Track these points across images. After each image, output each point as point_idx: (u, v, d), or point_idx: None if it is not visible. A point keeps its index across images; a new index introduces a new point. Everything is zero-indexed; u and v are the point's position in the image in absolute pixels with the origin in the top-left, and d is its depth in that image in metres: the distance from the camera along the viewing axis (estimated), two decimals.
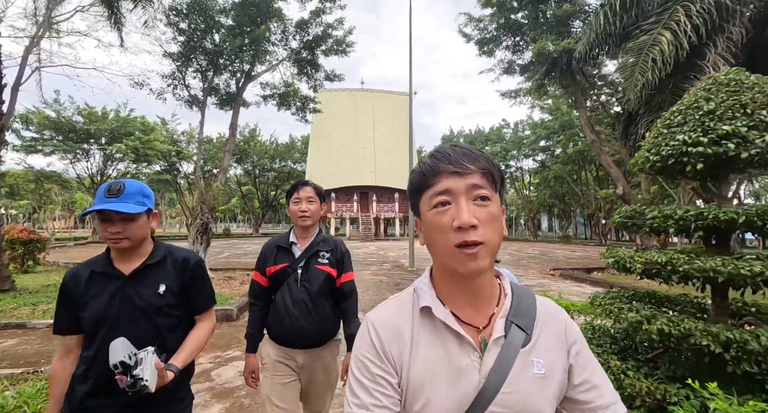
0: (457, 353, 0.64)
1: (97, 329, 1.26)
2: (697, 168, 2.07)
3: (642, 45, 7.82)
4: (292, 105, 15.02)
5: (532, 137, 33.29)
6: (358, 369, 0.66)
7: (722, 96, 2.06)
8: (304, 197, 1.86)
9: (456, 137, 43.70)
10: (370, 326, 0.69)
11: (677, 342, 1.94)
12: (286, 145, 42.05)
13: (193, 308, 1.44)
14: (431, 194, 0.64)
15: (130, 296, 1.29)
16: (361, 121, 36.68)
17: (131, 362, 1.10)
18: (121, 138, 25.46)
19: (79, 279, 1.30)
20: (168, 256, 1.40)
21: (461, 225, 0.59)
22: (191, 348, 1.36)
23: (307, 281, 1.81)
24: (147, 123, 28.71)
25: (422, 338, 0.66)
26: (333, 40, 13.95)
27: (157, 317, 1.31)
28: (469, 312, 0.68)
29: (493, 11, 13.83)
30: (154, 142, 27.46)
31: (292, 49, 13.51)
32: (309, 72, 14.41)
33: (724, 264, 1.85)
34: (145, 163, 30.00)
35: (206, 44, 10.90)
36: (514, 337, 0.65)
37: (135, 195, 1.27)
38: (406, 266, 12.48)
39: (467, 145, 0.68)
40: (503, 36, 14.32)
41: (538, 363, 0.65)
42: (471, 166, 0.63)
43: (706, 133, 2.01)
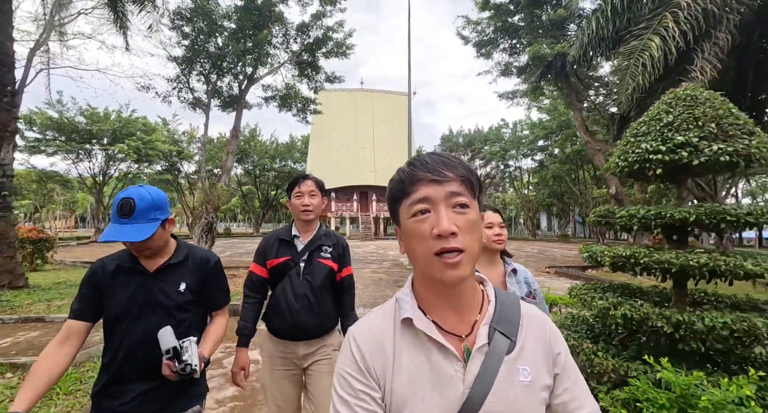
0: (441, 363, 0.64)
1: (119, 321, 1.32)
2: (657, 173, 2.35)
3: (633, 49, 8.09)
4: (293, 106, 15.31)
5: (530, 137, 33.56)
6: (340, 386, 0.65)
7: (679, 109, 2.35)
8: (305, 191, 1.86)
9: (455, 137, 43.97)
10: (352, 341, 0.68)
11: (638, 324, 2.23)
12: (287, 145, 42.30)
13: (210, 304, 1.51)
14: (410, 202, 0.64)
15: (153, 292, 1.34)
16: (360, 121, 36.93)
17: (180, 349, 1.18)
18: (123, 138, 25.72)
19: (107, 270, 1.35)
20: (189, 255, 1.45)
21: (441, 232, 0.59)
22: (214, 340, 1.43)
23: (310, 275, 1.81)
24: (148, 123, 28.96)
25: (404, 350, 0.66)
26: (333, 43, 14.23)
27: (177, 312, 1.36)
28: (452, 320, 0.67)
29: (490, 14, 14.09)
30: (155, 143, 27.71)
31: (293, 52, 13.78)
32: (309, 74, 14.68)
33: (677, 256, 2.13)
34: (146, 163, 30.24)
35: (210, 48, 11.17)
36: (497, 344, 0.64)
37: (146, 212, 1.28)
38: (405, 264, 12.77)
39: (445, 152, 0.68)
40: (500, 38, 14.58)
41: (524, 370, 0.64)
42: (449, 174, 0.63)
43: (665, 142, 2.29)
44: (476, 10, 14.52)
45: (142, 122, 28.05)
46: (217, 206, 8.85)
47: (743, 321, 1.91)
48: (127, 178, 31.28)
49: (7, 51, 7.08)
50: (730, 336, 1.92)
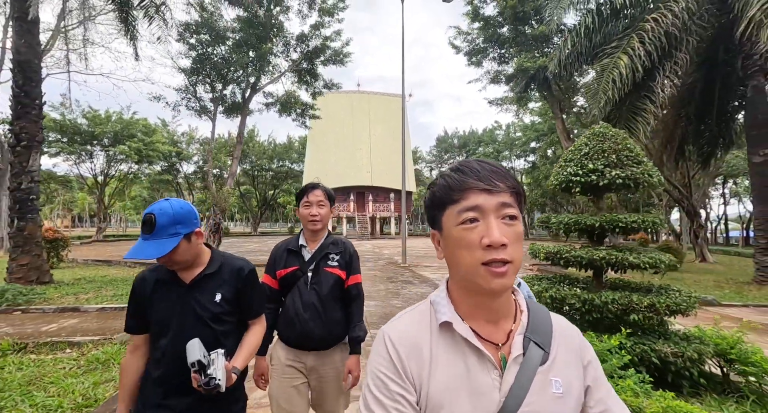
0: (477, 370, 0.63)
1: (160, 333, 1.34)
2: (577, 190, 3.15)
3: (605, 66, 8.91)
4: (293, 112, 16.06)
5: (522, 139, 34.47)
6: (376, 387, 0.64)
7: (593, 143, 3.14)
8: (314, 201, 1.86)
9: (450, 138, 44.83)
10: (387, 341, 0.67)
11: (560, 302, 3.02)
12: (284, 146, 42.92)
13: (246, 313, 1.50)
14: (459, 209, 0.63)
15: (190, 304, 1.35)
16: (357, 123, 37.67)
17: (206, 361, 1.17)
18: (124, 140, 26.25)
19: (147, 284, 1.38)
20: (224, 265, 1.46)
21: (492, 243, 0.59)
22: (248, 350, 1.43)
23: (317, 284, 1.82)
24: (149, 125, 29.50)
25: (442, 354, 0.65)
26: (331, 52, 14.99)
27: (214, 323, 1.37)
28: (489, 328, 0.67)
29: (480, 25, 14.90)
30: (156, 144, 28.27)
31: (293, 61, 14.52)
32: (309, 80, 15.44)
33: (586, 252, 2.93)
34: (146, 164, 30.81)
35: (215, 59, 11.89)
36: (532, 355, 0.64)
37: (167, 227, 1.28)
38: (399, 262, 13.55)
39: (493, 161, 0.68)
40: (490, 48, 15.39)
41: (556, 382, 0.64)
42: (500, 184, 0.62)
43: (582, 168, 3.09)
44: (467, 20, 15.34)
45: (142, 124, 28.58)
46: (223, 208, 9.60)
47: (625, 297, 2.71)
48: (127, 179, 31.85)
49: (36, 68, 7.77)
50: (616, 308, 2.72)
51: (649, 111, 8.65)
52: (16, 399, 2.98)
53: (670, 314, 2.73)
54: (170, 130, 34.08)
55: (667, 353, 2.57)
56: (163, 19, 11.68)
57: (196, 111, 12.05)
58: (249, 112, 13.87)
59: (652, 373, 2.57)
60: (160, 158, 30.42)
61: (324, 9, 14.23)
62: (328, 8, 14.25)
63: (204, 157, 35.75)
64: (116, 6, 10.48)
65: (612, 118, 9.28)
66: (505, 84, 15.96)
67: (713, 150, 11.46)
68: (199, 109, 11.93)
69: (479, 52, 15.72)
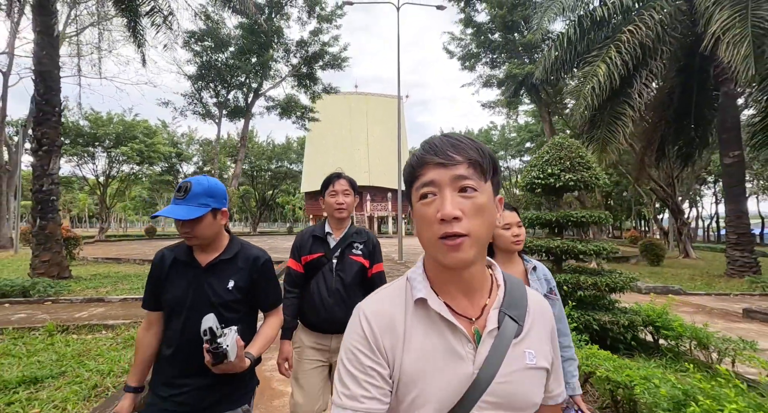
0: (452, 344, 0.64)
1: (174, 314, 1.36)
2: (539, 191, 3.78)
3: (586, 74, 9.56)
4: (293, 114, 16.67)
5: (517, 139, 35.15)
6: (348, 360, 0.65)
7: (553, 151, 3.77)
8: (340, 190, 1.91)
9: None
10: (362, 316, 0.68)
11: None
12: (283, 146, 43.45)
13: (262, 305, 1.50)
14: (418, 185, 0.64)
15: (203, 287, 1.36)
16: (355, 124, 38.29)
17: (218, 332, 1.19)
18: (125, 141, 26.74)
19: (165, 262, 1.40)
20: (240, 253, 1.45)
21: (443, 217, 0.59)
22: (265, 340, 1.44)
23: (341, 271, 1.87)
24: (150, 126, 29.97)
25: (416, 329, 0.66)
26: (329, 57, 15.60)
27: (223, 309, 1.36)
28: (463, 302, 0.68)
29: (473, 31, 15.54)
30: (157, 145, 28.75)
31: (293, 66, 15.13)
32: (308, 84, 16.06)
33: (545, 243, 3.56)
34: (147, 165, 31.32)
35: (220, 65, 12.48)
36: (506, 328, 0.65)
37: (199, 196, 1.31)
38: (396, 259, 14.19)
39: (458, 134, 0.66)
40: (482, 53, 16.02)
41: (530, 354, 0.66)
42: (457, 157, 0.61)
43: (543, 172, 3.71)
44: (461, 27, 15.98)
45: (143, 125, 29.06)
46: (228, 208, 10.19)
47: (574, 278, 3.35)
48: (129, 179, 32.34)
49: (56, 78, 8.34)
50: (568, 287, 3.36)
51: (627, 115, 9.30)
52: (73, 366, 3.59)
53: (609, 291, 3.37)
54: (170, 131, 34.57)
55: (605, 321, 3.20)
56: (169, 28, 12.25)
57: (201, 115, 12.63)
58: (251, 116, 14.48)
59: (594, 339, 3.21)
60: (161, 159, 30.90)
61: (322, 16, 14.82)
62: (326, 15, 14.84)
63: (204, 157, 36.28)
64: (126, 15, 11.05)
65: (595, 122, 9.94)
66: (497, 88, 16.59)
67: (691, 151, 12.13)
68: (204, 113, 12.51)
69: (472, 57, 16.35)
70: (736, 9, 6.94)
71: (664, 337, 3.30)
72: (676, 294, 7.27)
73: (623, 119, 9.48)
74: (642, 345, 3.40)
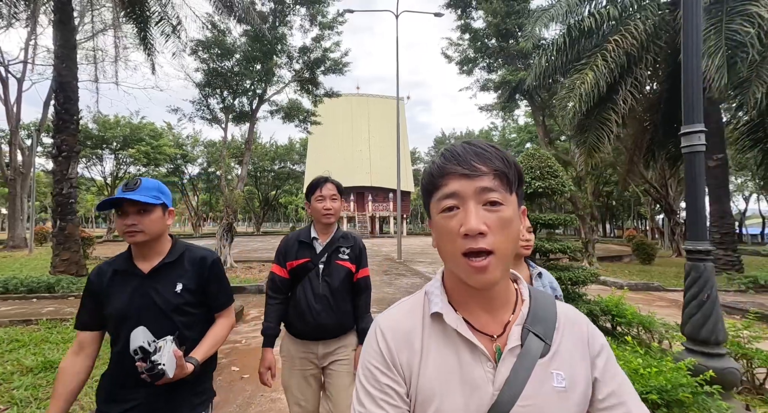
0: (470, 362, 0.61)
1: (120, 326, 1.28)
2: None
3: (574, 81, 10.01)
4: (296, 118, 17.21)
5: (517, 140, 35.55)
6: (365, 378, 0.63)
7: (525, 161, 4.26)
8: (327, 195, 1.88)
9: (447, 139, 45.93)
10: (378, 332, 0.66)
11: None
12: (285, 148, 44.03)
13: (212, 305, 1.46)
14: (439, 197, 0.61)
15: (149, 294, 1.31)
16: (357, 125, 38.80)
17: (150, 348, 1.15)
18: (133, 143, 27.41)
19: (103, 277, 1.33)
20: (186, 254, 1.41)
21: (468, 231, 0.56)
22: (211, 343, 1.38)
23: (328, 276, 1.84)
24: (156, 129, 30.67)
25: (433, 346, 0.63)
26: (331, 62, 16.13)
27: (175, 314, 1.32)
28: (483, 318, 0.64)
29: (470, 36, 16.03)
30: (163, 147, 29.43)
31: (296, 71, 15.67)
32: (310, 89, 16.60)
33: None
34: (153, 166, 32.01)
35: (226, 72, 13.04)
36: (531, 347, 0.61)
37: (150, 190, 1.30)
38: (396, 258, 14.70)
39: (482, 141, 0.63)
40: (479, 58, 16.50)
41: (558, 376, 0.60)
42: (482, 167, 0.58)
43: None
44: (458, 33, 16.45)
45: (150, 128, 29.76)
46: (235, 209, 10.72)
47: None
48: None
49: (74, 88, 8.89)
50: None
51: (613, 120, 9.75)
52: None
53: (572, 284, 3.86)
54: (175, 133, 35.26)
55: None
56: (178, 37, 12.81)
57: (208, 120, 13.19)
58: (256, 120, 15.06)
59: None
60: (167, 160, 31.61)
61: (324, 23, 15.34)
62: (327, 23, 15.36)
63: (208, 158, 36.92)
64: (136, 25, 11.61)
65: (583, 126, 10.41)
66: (494, 91, 17.06)
67: (679, 153, 12.56)
68: (211, 118, 13.07)
69: (470, 62, 16.82)
70: (712, 22, 7.38)
71: (619, 324, 3.79)
72: (656, 291, 7.74)
73: (608, 124, 9.94)
74: (602, 330, 3.90)
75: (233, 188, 11.71)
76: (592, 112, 10.11)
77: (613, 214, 43.35)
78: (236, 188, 12.09)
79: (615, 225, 46.45)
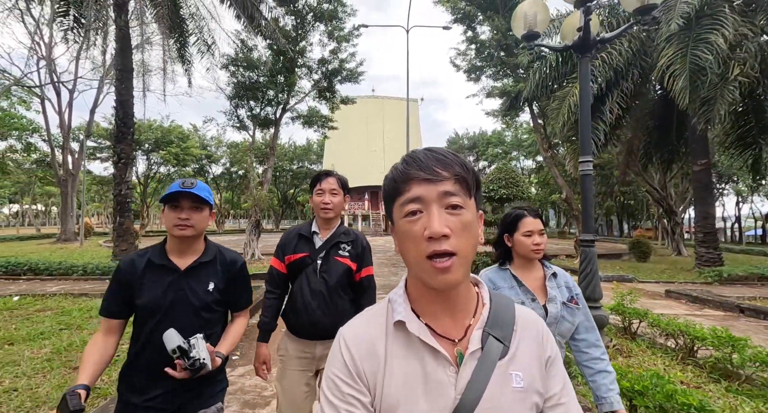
0: (433, 368, 0.62)
1: (148, 317, 1.34)
2: (485, 202, 5.51)
3: (564, 94, 11.05)
4: (315, 124, 18.73)
5: (528, 140, 36.17)
6: (328, 389, 0.64)
7: (494, 174, 5.48)
8: (327, 189, 1.86)
9: (461, 139, 46.77)
10: (342, 342, 0.67)
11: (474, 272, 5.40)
12: (303, 148, 45.82)
13: (233, 305, 1.55)
14: (402, 201, 0.62)
15: (184, 290, 1.38)
16: (372, 126, 40.18)
17: (186, 347, 1.22)
18: (163, 145, 29.55)
19: (136, 267, 1.37)
20: (218, 255, 1.49)
21: (432, 234, 0.57)
22: (233, 338, 1.49)
23: (326, 272, 1.81)
24: (183, 132, 32.83)
25: (396, 354, 0.64)
26: (347, 72, 17.54)
27: (204, 312, 1.40)
28: (446, 323, 0.66)
29: (476, 46, 17.12)
30: (191, 149, 31.55)
31: (315, 81, 17.16)
32: (327, 96, 18.09)
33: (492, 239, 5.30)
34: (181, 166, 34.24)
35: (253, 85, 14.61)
36: (491, 349, 0.63)
37: (204, 189, 1.40)
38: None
39: (441, 148, 0.64)
40: (486, 67, 17.57)
41: (517, 376, 0.63)
42: (443, 172, 0.60)
43: (487, 188, 5.42)
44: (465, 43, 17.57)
45: (178, 130, 31.93)
46: (262, 208, 12.22)
47: None
48: (166, 180, 35.44)
49: (131, 105, 10.53)
50: None
51: (600, 129, 10.75)
52: None
53: None
54: (200, 134, 37.48)
55: None
56: (212, 54, 14.44)
57: (237, 128, 14.79)
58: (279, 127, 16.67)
59: None
60: (193, 161, 33.78)
61: (340, 37, 16.79)
62: (344, 36, 16.80)
63: (231, 159, 39.03)
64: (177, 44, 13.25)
65: (574, 135, 11.44)
66: (499, 98, 18.08)
67: (672, 158, 13.37)
68: (240, 126, 14.67)
69: (477, 70, 17.90)
70: (680, 47, 8.31)
71: None
72: (629, 282, 8.76)
73: (596, 132, 10.93)
74: None
75: (260, 189, 13.24)
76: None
77: (632, 214, 43.29)
78: (263, 189, 13.63)
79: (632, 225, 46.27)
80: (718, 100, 8.16)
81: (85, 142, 20.06)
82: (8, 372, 3.38)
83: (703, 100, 8.36)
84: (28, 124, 20.41)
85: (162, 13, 9.69)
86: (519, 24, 3.90)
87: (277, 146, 40.98)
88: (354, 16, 16.67)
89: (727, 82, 7.99)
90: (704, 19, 8.33)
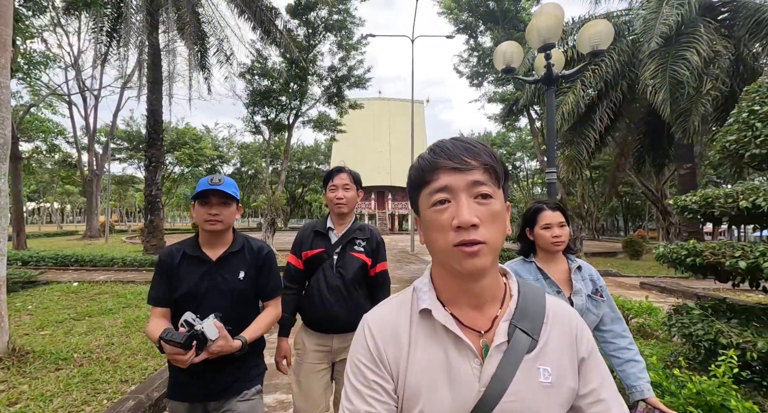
0: (457, 358, 0.61)
1: (184, 305, 1.44)
2: None
3: (560, 102, 11.89)
4: (324, 128, 19.75)
5: (532, 142, 36.84)
6: (353, 374, 0.65)
7: None
8: (340, 184, 1.89)
9: None
10: (366, 329, 0.67)
11: None
12: (312, 148, 46.89)
13: (262, 293, 1.62)
14: (429, 191, 0.61)
15: (216, 279, 1.49)
16: (378, 127, 41.19)
17: (192, 321, 1.34)
18: (178, 146, 30.79)
19: (174, 258, 1.50)
20: (246, 245, 1.59)
21: (461, 224, 0.56)
22: (259, 325, 1.55)
23: (342, 267, 1.85)
24: (197, 133, 34.08)
25: (420, 341, 0.64)
26: (355, 78, 18.55)
27: (236, 299, 1.51)
28: (471, 314, 0.65)
29: (479, 54, 17.99)
30: (204, 149, 32.77)
31: (325, 88, 18.19)
32: (336, 102, 19.12)
33: None
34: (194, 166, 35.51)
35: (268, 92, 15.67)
36: (517, 343, 0.61)
37: (231, 186, 1.48)
38: (409, 251, 16.93)
39: (468, 137, 0.63)
40: (487, 73, 18.44)
41: (545, 371, 0.61)
42: (472, 162, 0.59)
43: None
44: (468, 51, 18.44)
45: (192, 132, 33.16)
46: (277, 207, 13.25)
47: None
48: (180, 179, 36.77)
49: (160, 114, 11.60)
50: None
51: (591, 136, 11.58)
52: None
53: None
54: (213, 136, 38.76)
55: None
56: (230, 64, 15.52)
57: (252, 132, 15.87)
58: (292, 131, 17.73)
59: None
60: (206, 161, 35.02)
61: (350, 45, 17.82)
62: (352, 45, 17.82)
63: (242, 159, 40.27)
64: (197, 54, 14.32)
65: (568, 139, 12.29)
66: (500, 102, 18.96)
67: (663, 161, 14.12)
68: (255, 131, 15.75)
69: (479, 76, 18.77)
70: (660, 62, 9.10)
71: None
72: (613, 276, 9.60)
73: (587, 138, 11.77)
74: None
75: (273, 191, 14.28)
76: (575, 128, 11.95)
77: (637, 214, 43.64)
78: (278, 190, 14.66)
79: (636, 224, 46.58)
80: (693, 112, 8.96)
81: (109, 145, 21.30)
82: (100, 333, 4.40)
83: (680, 112, 9.16)
84: (54, 127, 21.68)
85: (189, 31, 10.74)
86: (499, 60, 4.79)
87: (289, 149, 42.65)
88: (362, 26, 17.69)
89: (701, 96, 8.79)
90: (682, 37, 9.12)
